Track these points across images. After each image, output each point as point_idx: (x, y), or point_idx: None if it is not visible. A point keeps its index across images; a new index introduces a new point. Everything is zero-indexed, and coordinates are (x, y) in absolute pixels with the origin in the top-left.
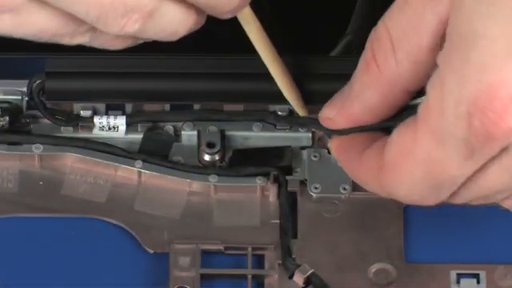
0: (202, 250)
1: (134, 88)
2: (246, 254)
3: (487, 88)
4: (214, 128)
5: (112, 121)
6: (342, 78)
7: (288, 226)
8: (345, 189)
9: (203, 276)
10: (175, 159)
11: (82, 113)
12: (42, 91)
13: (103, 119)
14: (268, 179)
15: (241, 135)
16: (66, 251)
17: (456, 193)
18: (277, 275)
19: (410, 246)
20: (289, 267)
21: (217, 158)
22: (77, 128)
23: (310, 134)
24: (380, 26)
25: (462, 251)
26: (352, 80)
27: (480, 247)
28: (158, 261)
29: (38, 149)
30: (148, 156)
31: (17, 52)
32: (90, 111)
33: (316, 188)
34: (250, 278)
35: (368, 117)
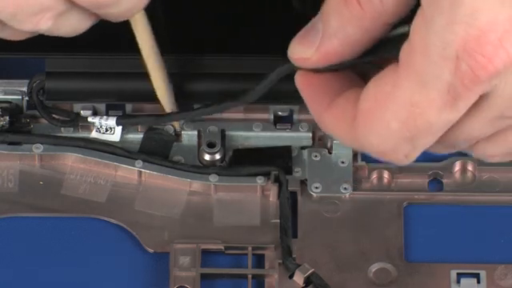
0: (202, 249)
1: (134, 88)
2: (246, 254)
3: (477, 32)
4: (214, 128)
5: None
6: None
7: (288, 226)
8: (345, 188)
9: (203, 276)
10: (175, 159)
11: (82, 113)
12: (42, 91)
13: (96, 119)
14: (268, 179)
15: (241, 135)
16: (66, 251)
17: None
18: (277, 275)
19: (409, 245)
20: (289, 267)
21: (217, 157)
22: (77, 128)
23: (311, 134)
24: None
25: (462, 251)
26: (324, 17)
27: (480, 247)
28: (158, 260)
29: (38, 149)
30: (148, 156)
31: (17, 52)
32: (90, 111)
33: (316, 188)
34: (250, 277)
35: (348, 52)
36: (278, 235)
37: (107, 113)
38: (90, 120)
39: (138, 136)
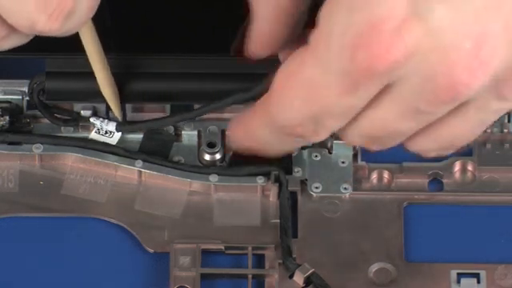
0: (203, 249)
1: (134, 88)
2: (247, 254)
3: (374, 21)
4: (214, 128)
5: (104, 126)
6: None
7: (288, 226)
8: (345, 188)
9: (203, 276)
10: (175, 159)
11: (82, 113)
12: (43, 91)
13: (97, 121)
14: (268, 179)
15: None
16: (66, 251)
17: (343, 129)
18: (277, 275)
19: (410, 245)
20: (289, 267)
21: (217, 157)
22: (77, 128)
23: None
24: None
25: (462, 251)
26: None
27: (480, 247)
28: (159, 260)
29: (38, 149)
30: (148, 156)
31: (17, 52)
32: (90, 111)
33: (316, 188)
34: (250, 277)
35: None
36: (278, 235)
37: (107, 113)
38: (92, 121)
39: (138, 136)
